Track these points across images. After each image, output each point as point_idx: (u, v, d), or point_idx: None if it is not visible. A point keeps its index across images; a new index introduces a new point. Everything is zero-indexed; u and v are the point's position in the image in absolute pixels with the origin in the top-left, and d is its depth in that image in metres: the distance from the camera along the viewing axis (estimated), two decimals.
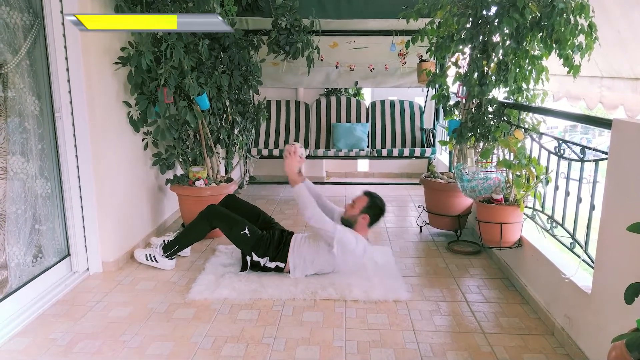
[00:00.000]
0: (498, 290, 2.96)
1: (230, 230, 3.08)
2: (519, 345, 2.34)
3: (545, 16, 2.84)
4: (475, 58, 3.21)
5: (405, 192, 5.55)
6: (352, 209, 3.12)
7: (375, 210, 3.11)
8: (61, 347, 2.31)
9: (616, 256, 1.96)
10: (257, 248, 3.06)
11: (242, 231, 3.05)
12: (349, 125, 5.55)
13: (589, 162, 2.33)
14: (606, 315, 2.01)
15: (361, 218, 3.08)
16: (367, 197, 3.13)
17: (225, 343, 2.35)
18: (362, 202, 3.11)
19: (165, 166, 3.74)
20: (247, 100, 4.29)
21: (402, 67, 5.39)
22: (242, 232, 3.05)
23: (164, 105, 3.28)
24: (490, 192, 3.08)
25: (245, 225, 3.07)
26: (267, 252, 3.06)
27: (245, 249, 3.10)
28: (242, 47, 3.91)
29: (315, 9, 4.02)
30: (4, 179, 2.54)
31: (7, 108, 2.56)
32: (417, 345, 2.33)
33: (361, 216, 3.08)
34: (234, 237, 3.08)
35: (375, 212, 3.12)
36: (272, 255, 3.06)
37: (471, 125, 3.35)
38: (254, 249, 3.07)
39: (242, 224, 3.07)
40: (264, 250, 3.06)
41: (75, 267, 3.11)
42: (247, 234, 3.05)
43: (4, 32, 2.52)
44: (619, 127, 1.96)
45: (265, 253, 3.06)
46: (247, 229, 3.06)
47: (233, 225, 3.07)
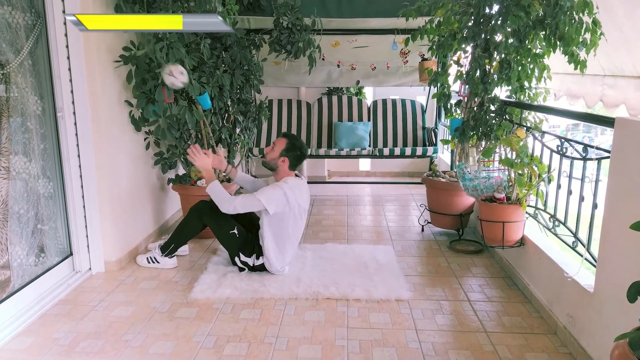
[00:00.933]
0: (500, 289, 2.95)
1: (220, 229, 3.06)
2: (522, 344, 2.33)
3: (550, 15, 2.83)
4: (477, 56, 3.20)
5: (407, 191, 5.55)
6: (272, 152, 3.06)
7: (294, 151, 3.05)
8: (64, 346, 2.32)
9: (619, 255, 1.96)
10: (243, 248, 3.06)
11: (232, 230, 3.05)
12: (351, 125, 5.54)
13: (592, 160, 2.32)
14: (609, 313, 2.00)
15: (280, 161, 3.03)
16: (285, 139, 3.07)
17: (227, 342, 2.35)
18: (280, 145, 3.05)
19: (167, 166, 3.74)
20: (249, 99, 4.29)
21: (403, 66, 5.39)
22: (232, 231, 3.05)
23: (162, 104, 3.28)
24: (492, 190, 3.08)
25: (235, 225, 3.06)
26: (254, 250, 3.06)
27: (232, 250, 3.09)
28: (244, 46, 3.91)
29: (316, 8, 4.02)
30: (6, 179, 2.55)
31: (9, 108, 2.56)
32: (419, 345, 2.33)
33: (280, 159, 3.03)
34: (222, 236, 3.07)
35: (295, 154, 3.05)
36: (257, 253, 3.06)
37: (473, 124, 3.34)
38: (241, 249, 3.06)
39: (231, 223, 3.05)
40: (250, 249, 3.06)
41: (77, 266, 3.12)
42: (235, 233, 3.05)
43: (7, 32, 2.52)
44: (622, 126, 1.96)
45: (252, 252, 3.06)
46: (236, 228, 3.06)
47: (223, 224, 3.05)
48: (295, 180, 3.05)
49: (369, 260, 3.34)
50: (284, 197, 2.94)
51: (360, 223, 4.36)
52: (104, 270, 3.18)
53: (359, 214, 4.67)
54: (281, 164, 3.04)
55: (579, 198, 2.43)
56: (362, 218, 4.52)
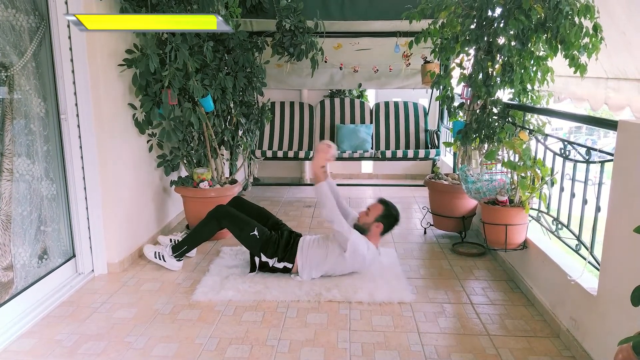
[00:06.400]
0: (503, 292, 2.94)
1: (241, 231, 3.08)
2: (525, 347, 2.33)
3: (550, 18, 2.83)
4: (480, 59, 3.20)
5: (410, 194, 5.54)
6: (366, 217, 3.11)
7: (389, 219, 3.10)
8: (66, 348, 2.32)
9: (622, 258, 1.95)
10: (266, 249, 3.07)
11: (252, 232, 3.06)
12: (353, 127, 5.55)
13: (595, 163, 2.31)
14: (612, 317, 2.00)
15: (375, 226, 3.07)
16: (382, 206, 3.11)
17: (229, 344, 2.35)
18: (377, 210, 3.10)
19: (170, 168, 3.75)
20: (252, 101, 4.30)
21: (406, 68, 5.39)
22: (252, 233, 3.06)
23: (168, 107, 3.29)
24: (495, 193, 3.07)
25: (255, 226, 3.08)
26: (276, 253, 3.07)
27: (254, 250, 3.10)
28: (247, 48, 3.92)
29: (319, 10, 4.02)
30: (9, 181, 2.55)
31: (12, 110, 2.57)
32: (421, 348, 2.33)
33: (375, 224, 3.07)
34: (243, 238, 3.09)
35: (390, 221, 3.11)
36: (280, 256, 3.07)
37: (476, 127, 3.34)
38: (263, 249, 3.07)
39: (252, 225, 3.07)
40: (273, 250, 3.07)
41: (80, 268, 3.12)
42: (256, 235, 3.06)
43: (10, 35, 2.53)
44: (625, 128, 1.96)
45: (274, 254, 3.07)
46: (257, 230, 3.07)
47: (243, 226, 3.07)
48: (377, 252, 3.11)
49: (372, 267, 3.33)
50: (361, 258, 3.01)
51: None
52: (107, 272, 3.18)
53: None
54: (375, 229, 3.08)
55: (582, 201, 2.42)
56: None
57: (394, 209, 3.15)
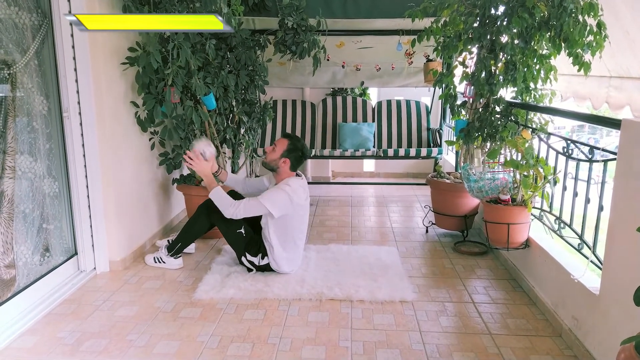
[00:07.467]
0: (505, 291, 2.94)
1: (228, 228, 3.06)
2: (526, 346, 2.32)
3: (554, 16, 2.82)
4: (482, 57, 3.19)
5: (412, 192, 5.54)
6: (272, 153, 3.04)
7: (296, 152, 3.03)
8: (68, 345, 2.32)
9: (625, 257, 1.94)
10: (249, 247, 3.07)
11: (239, 230, 3.05)
12: (355, 125, 5.54)
13: (597, 162, 2.31)
14: (615, 316, 1.99)
15: (282, 162, 3.02)
16: (287, 140, 3.05)
17: (231, 342, 2.35)
18: (282, 146, 3.03)
19: (172, 166, 3.75)
20: (254, 100, 4.29)
21: (408, 66, 5.38)
22: (239, 230, 3.05)
23: (170, 105, 3.29)
24: (497, 192, 3.07)
25: (242, 224, 3.06)
26: (259, 250, 3.07)
27: (239, 250, 3.10)
28: (249, 47, 3.92)
29: (321, 8, 4.02)
30: (12, 178, 2.56)
31: (15, 108, 2.57)
32: (423, 346, 2.33)
33: (281, 160, 3.01)
34: (230, 235, 3.08)
35: (297, 155, 3.04)
36: (263, 253, 3.07)
37: (478, 125, 3.33)
38: (247, 248, 3.07)
39: (239, 222, 3.05)
40: (256, 248, 3.07)
41: (82, 266, 3.13)
42: (242, 232, 3.06)
43: (13, 32, 2.53)
44: (628, 127, 1.95)
45: (257, 251, 3.07)
46: (243, 228, 3.06)
47: (230, 223, 3.04)
48: (297, 181, 3.05)
49: (373, 261, 3.33)
50: (289, 200, 2.94)
51: (364, 224, 4.35)
52: (109, 270, 3.19)
53: (363, 214, 4.66)
54: (282, 164, 3.03)
55: (585, 200, 2.42)
56: (366, 219, 4.52)
57: (300, 142, 3.07)
